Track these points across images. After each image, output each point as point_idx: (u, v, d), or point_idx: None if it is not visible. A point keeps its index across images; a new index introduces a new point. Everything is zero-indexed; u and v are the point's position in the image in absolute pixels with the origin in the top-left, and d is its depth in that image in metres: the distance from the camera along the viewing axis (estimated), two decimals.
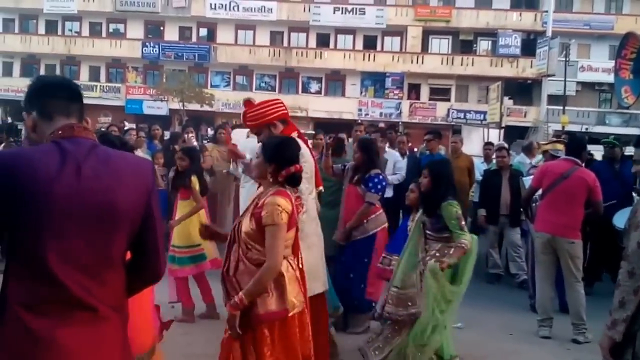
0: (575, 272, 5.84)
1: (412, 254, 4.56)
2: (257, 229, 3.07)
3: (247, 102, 4.43)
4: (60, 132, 1.95)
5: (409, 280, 4.45)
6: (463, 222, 4.30)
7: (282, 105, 4.38)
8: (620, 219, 5.94)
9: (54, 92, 2.01)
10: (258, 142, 4.06)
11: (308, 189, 4.10)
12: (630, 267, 2.54)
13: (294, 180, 3.31)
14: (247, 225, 3.12)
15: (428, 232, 4.51)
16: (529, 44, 35.06)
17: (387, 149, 8.53)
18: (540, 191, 6.20)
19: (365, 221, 5.55)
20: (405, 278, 4.48)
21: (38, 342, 1.78)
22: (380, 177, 5.64)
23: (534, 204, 6.48)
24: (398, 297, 4.45)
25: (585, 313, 5.82)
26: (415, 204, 4.96)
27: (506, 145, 8.66)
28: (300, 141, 3.98)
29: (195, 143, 10.11)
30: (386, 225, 5.71)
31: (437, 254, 4.35)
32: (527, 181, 6.94)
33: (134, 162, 2.08)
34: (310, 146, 4.81)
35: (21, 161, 1.82)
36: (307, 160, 4.05)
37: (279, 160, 3.24)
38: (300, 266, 3.30)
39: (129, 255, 2.08)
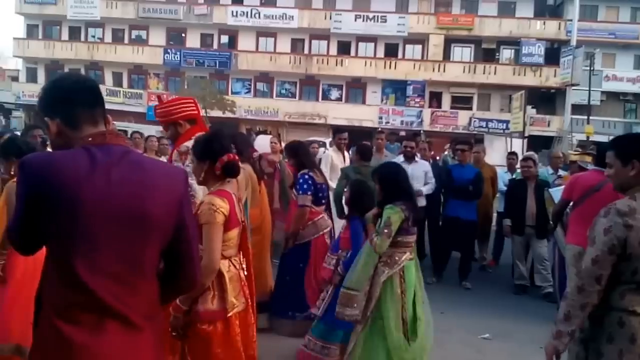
0: None
1: (365, 258, 4.23)
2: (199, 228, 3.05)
3: (159, 98, 4.58)
4: (90, 139, 1.90)
5: (357, 282, 4.18)
6: (387, 229, 4.05)
7: (191, 105, 4.40)
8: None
9: (77, 101, 1.94)
10: (168, 138, 4.03)
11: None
12: (580, 283, 2.56)
13: (231, 171, 3.25)
14: None
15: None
16: (553, 53, 34.67)
17: (417, 158, 8.38)
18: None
19: (302, 228, 5.40)
20: (355, 279, 4.19)
21: (71, 348, 1.76)
22: (306, 176, 5.44)
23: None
24: (347, 297, 4.19)
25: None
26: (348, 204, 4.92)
27: (533, 156, 8.45)
28: None
29: None
30: (326, 231, 5.51)
31: (388, 260, 4.15)
32: (554, 192, 6.74)
33: (166, 170, 2.06)
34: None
35: (50, 166, 1.79)
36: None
37: (210, 155, 3.21)
38: (244, 266, 3.31)
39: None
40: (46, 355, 1.80)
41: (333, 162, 7.75)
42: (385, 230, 4.05)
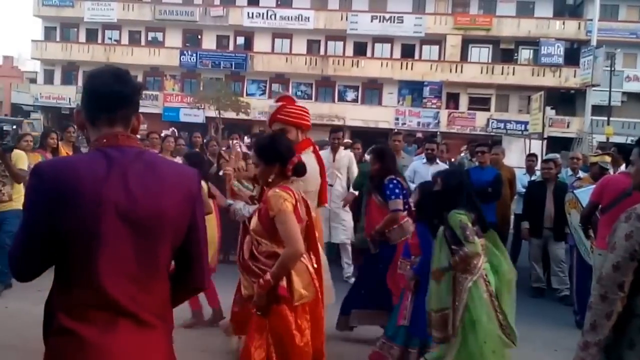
0: None
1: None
2: (263, 223, 3.20)
3: (288, 98, 4.55)
4: (104, 140, 1.92)
5: (445, 299, 4.21)
6: (468, 232, 4.08)
7: (308, 116, 4.52)
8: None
9: (100, 101, 1.95)
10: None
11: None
12: (603, 291, 2.48)
13: (301, 171, 3.40)
14: (254, 222, 3.29)
15: (453, 247, 4.25)
16: (573, 53, 34.29)
17: (438, 161, 8.37)
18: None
19: (387, 231, 5.47)
20: (441, 297, 4.24)
21: (84, 348, 1.76)
22: (395, 181, 5.50)
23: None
24: (443, 319, 4.20)
25: None
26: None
27: (556, 158, 8.26)
28: (313, 156, 4.30)
29: (239, 150, 9.95)
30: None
31: (467, 267, 4.14)
32: (580, 194, 6.51)
33: (179, 170, 2.05)
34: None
35: (67, 169, 1.81)
36: (310, 176, 4.03)
37: (279, 158, 3.32)
38: (315, 264, 3.38)
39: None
40: (58, 357, 1.81)
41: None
42: (467, 233, 4.06)
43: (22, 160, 6.55)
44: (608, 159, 7.16)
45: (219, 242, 6.03)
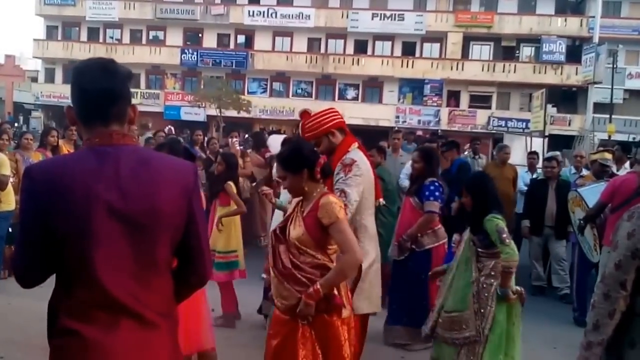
0: None
1: (463, 275, 4.27)
2: (311, 233, 3.10)
3: (304, 114, 4.32)
4: (97, 139, 1.88)
5: (461, 302, 4.18)
6: (504, 235, 4.01)
7: (337, 114, 4.29)
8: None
9: (90, 104, 1.90)
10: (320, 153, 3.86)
11: (364, 204, 4.07)
12: (606, 290, 2.49)
13: (328, 171, 3.38)
14: (297, 231, 3.15)
15: (479, 249, 4.24)
16: (574, 50, 34.20)
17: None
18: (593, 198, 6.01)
19: (420, 235, 5.33)
20: (457, 300, 4.22)
21: (87, 348, 1.77)
22: (436, 184, 5.40)
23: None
24: (452, 321, 4.19)
25: None
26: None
27: (558, 156, 8.29)
28: (360, 152, 4.14)
29: (238, 148, 10.00)
30: (444, 241, 5.46)
31: (492, 272, 4.12)
32: (585, 193, 6.46)
33: (174, 165, 2.01)
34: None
35: (56, 170, 1.81)
36: (363, 173, 4.02)
37: (307, 164, 3.23)
38: None
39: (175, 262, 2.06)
40: (62, 357, 1.81)
41: None
42: (504, 235, 4.00)
43: (5, 165, 6.54)
44: (609, 155, 7.14)
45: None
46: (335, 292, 3.10)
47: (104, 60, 1.94)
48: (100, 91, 1.88)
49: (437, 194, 5.33)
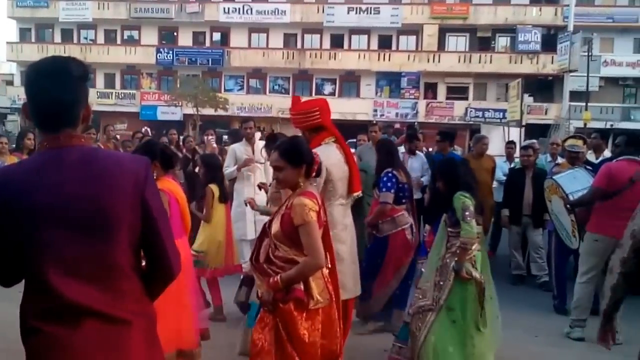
0: None
1: (436, 252, 4.51)
2: (284, 230, 3.18)
3: (293, 99, 4.69)
4: (45, 143, 1.87)
5: (428, 277, 4.42)
6: (467, 213, 4.17)
7: (316, 115, 4.47)
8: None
9: (39, 117, 1.88)
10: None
11: (331, 192, 4.34)
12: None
13: (320, 171, 3.49)
14: (276, 226, 3.24)
15: (449, 229, 4.39)
16: (550, 40, 34.43)
17: (416, 152, 8.55)
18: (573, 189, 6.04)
19: (380, 222, 5.56)
20: (426, 275, 4.49)
21: (51, 345, 1.78)
22: (390, 174, 5.56)
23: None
24: (418, 294, 4.44)
25: (619, 316, 5.40)
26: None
27: (534, 144, 8.38)
28: (331, 146, 4.37)
29: (215, 145, 9.82)
30: (405, 227, 5.61)
31: (457, 251, 4.22)
32: (561, 179, 6.40)
33: (122, 161, 1.96)
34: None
35: (2, 178, 1.81)
36: (335, 164, 4.29)
37: (306, 159, 3.31)
38: (329, 265, 3.39)
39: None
40: (31, 355, 1.82)
41: (237, 155, 7.32)
42: (467, 213, 4.14)
43: None
44: (578, 142, 7.10)
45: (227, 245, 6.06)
46: (300, 286, 3.17)
47: (55, 64, 1.89)
48: (47, 103, 1.86)
49: (389, 184, 5.51)
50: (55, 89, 1.84)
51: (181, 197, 4.32)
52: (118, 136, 12.73)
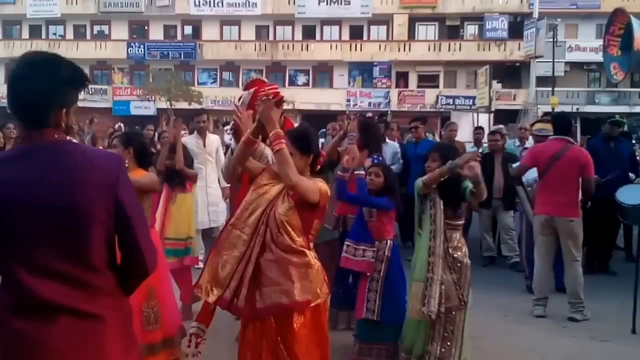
0: (574, 251, 5.85)
1: (423, 250, 4.24)
2: (297, 200, 3.05)
3: (258, 81, 4.52)
4: (19, 140, 1.90)
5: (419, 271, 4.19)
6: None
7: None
8: (624, 195, 5.85)
9: (15, 103, 1.87)
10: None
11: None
12: None
13: (322, 169, 3.40)
14: (284, 206, 3.08)
15: (447, 221, 4.25)
16: (516, 27, 34.93)
17: (387, 140, 8.35)
18: (530, 176, 6.29)
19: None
20: (419, 268, 4.22)
21: (23, 342, 1.77)
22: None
23: (529, 188, 6.59)
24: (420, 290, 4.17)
25: (582, 292, 5.85)
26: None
27: (501, 129, 8.58)
28: None
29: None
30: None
31: (459, 244, 4.33)
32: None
33: (95, 158, 1.93)
34: None
35: None
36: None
37: (315, 149, 3.23)
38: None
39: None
40: (3, 352, 1.80)
41: (189, 148, 6.79)
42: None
43: None
44: (544, 125, 7.12)
45: None
46: (284, 297, 3.05)
47: (45, 59, 1.89)
48: (19, 92, 1.86)
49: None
50: (34, 82, 1.82)
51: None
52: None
